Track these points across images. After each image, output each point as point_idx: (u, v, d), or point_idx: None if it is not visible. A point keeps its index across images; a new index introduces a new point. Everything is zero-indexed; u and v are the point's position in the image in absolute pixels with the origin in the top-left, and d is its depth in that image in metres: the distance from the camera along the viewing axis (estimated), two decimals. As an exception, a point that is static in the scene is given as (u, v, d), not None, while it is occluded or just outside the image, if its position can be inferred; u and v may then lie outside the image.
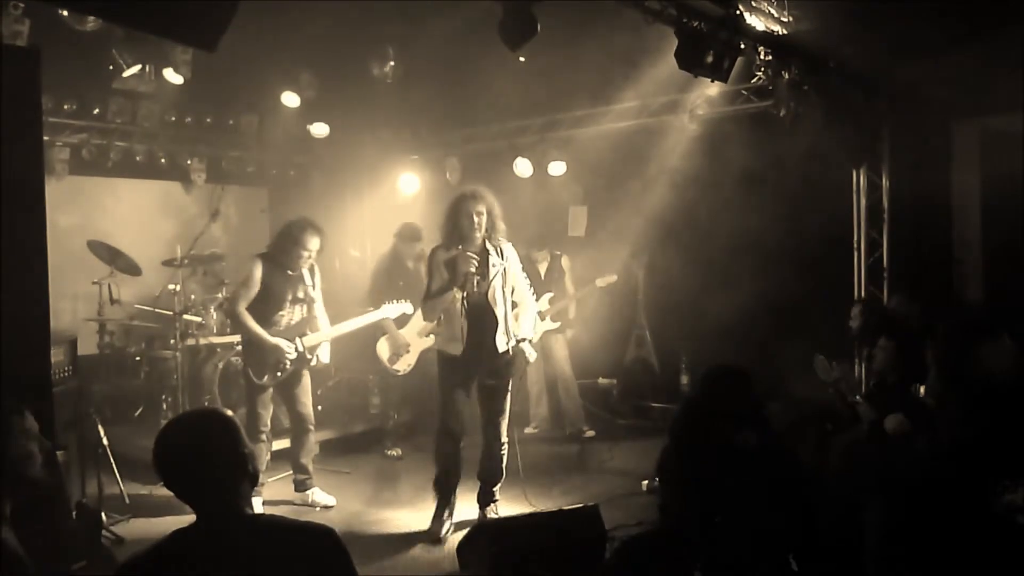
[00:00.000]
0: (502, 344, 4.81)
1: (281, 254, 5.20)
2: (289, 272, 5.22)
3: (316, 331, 5.37)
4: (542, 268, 7.25)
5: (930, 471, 3.32)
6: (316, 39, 5.74)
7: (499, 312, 4.80)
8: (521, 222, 7.44)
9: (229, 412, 2.19)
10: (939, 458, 3.23)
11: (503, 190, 7.67)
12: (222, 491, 2.03)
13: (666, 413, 7.13)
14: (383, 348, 6.42)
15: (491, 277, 4.78)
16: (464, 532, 4.20)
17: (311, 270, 5.35)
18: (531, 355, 5.05)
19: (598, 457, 6.59)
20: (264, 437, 5.28)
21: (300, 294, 5.28)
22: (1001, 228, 6.67)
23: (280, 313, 5.21)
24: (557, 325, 7.12)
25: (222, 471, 2.03)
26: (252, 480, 2.08)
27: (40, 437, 2.27)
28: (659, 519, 2.27)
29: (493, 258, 4.83)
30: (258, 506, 5.25)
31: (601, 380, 8.22)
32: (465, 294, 4.70)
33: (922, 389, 4.03)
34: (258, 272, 5.13)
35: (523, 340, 4.95)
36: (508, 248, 4.94)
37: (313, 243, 5.18)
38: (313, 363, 5.40)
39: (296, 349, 5.23)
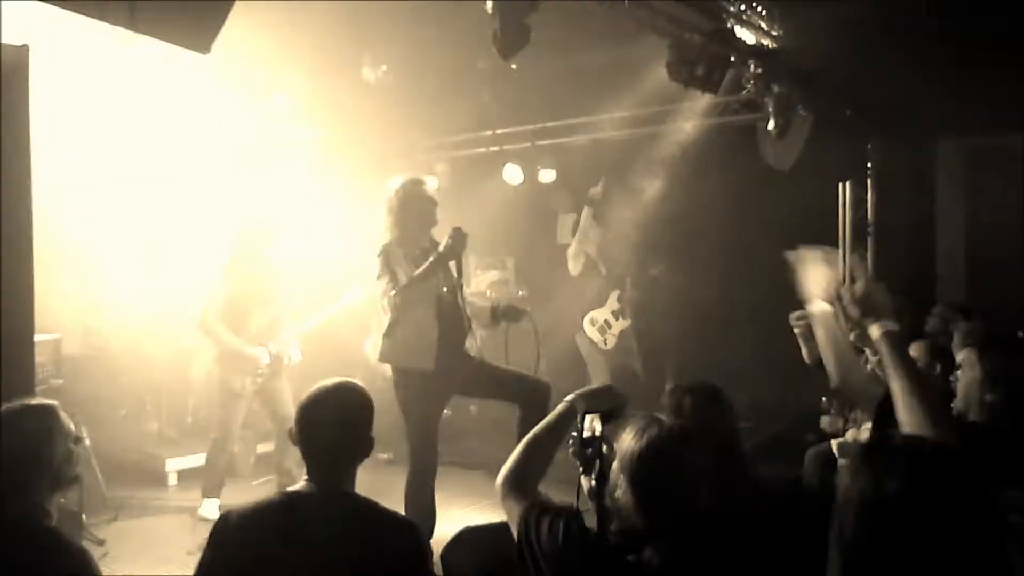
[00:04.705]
0: (472, 350, 4.34)
1: (240, 260, 5.18)
2: (253, 274, 5.20)
3: (284, 331, 5.37)
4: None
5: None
6: (308, 41, 5.74)
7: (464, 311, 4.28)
8: (510, 229, 7.47)
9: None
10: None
11: (492, 196, 7.75)
12: (344, 464, 2.19)
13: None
14: (371, 349, 6.40)
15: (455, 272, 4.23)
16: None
17: (274, 273, 5.33)
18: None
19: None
20: (234, 448, 5.27)
21: (266, 296, 5.28)
22: (985, 244, 6.75)
23: (250, 319, 5.21)
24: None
25: (354, 445, 2.21)
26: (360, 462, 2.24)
27: (73, 432, 2.30)
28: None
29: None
30: (214, 510, 5.12)
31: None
32: (440, 292, 4.15)
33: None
34: (221, 283, 5.13)
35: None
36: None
37: (270, 229, 5.19)
38: (286, 363, 5.39)
39: (269, 352, 5.24)
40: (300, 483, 2.17)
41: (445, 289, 4.22)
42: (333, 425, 2.18)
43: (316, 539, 2.03)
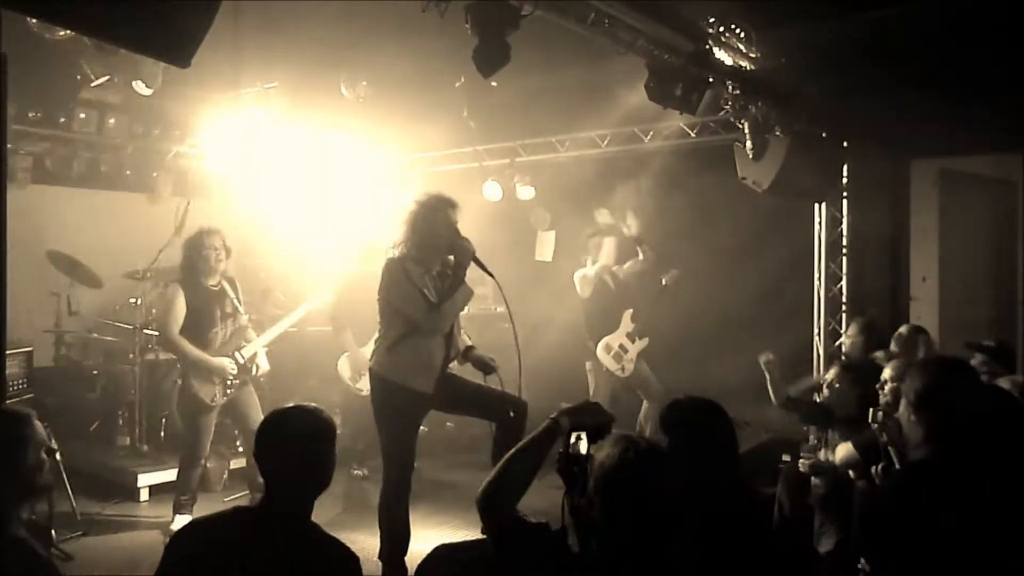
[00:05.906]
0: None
1: (194, 271, 5.14)
2: (210, 287, 5.16)
3: (250, 341, 5.34)
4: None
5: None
6: (289, 56, 5.74)
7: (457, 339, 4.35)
8: (488, 245, 7.44)
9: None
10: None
11: (471, 212, 7.72)
12: (292, 486, 2.20)
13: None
14: (344, 367, 6.34)
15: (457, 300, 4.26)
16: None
17: (232, 284, 5.30)
18: None
19: (558, 482, 6.53)
20: (203, 462, 5.21)
21: (228, 308, 5.23)
22: (956, 263, 6.87)
23: (214, 331, 5.16)
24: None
25: (305, 470, 2.21)
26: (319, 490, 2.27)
27: (47, 443, 2.34)
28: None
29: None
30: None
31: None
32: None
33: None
34: (180, 297, 5.06)
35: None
36: None
37: (214, 239, 5.13)
38: (254, 373, 5.35)
39: (237, 363, 5.20)
40: (256, 499, 2.22)
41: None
42: (282, 449, 2.21)
43: (250, 558, 2.08)
